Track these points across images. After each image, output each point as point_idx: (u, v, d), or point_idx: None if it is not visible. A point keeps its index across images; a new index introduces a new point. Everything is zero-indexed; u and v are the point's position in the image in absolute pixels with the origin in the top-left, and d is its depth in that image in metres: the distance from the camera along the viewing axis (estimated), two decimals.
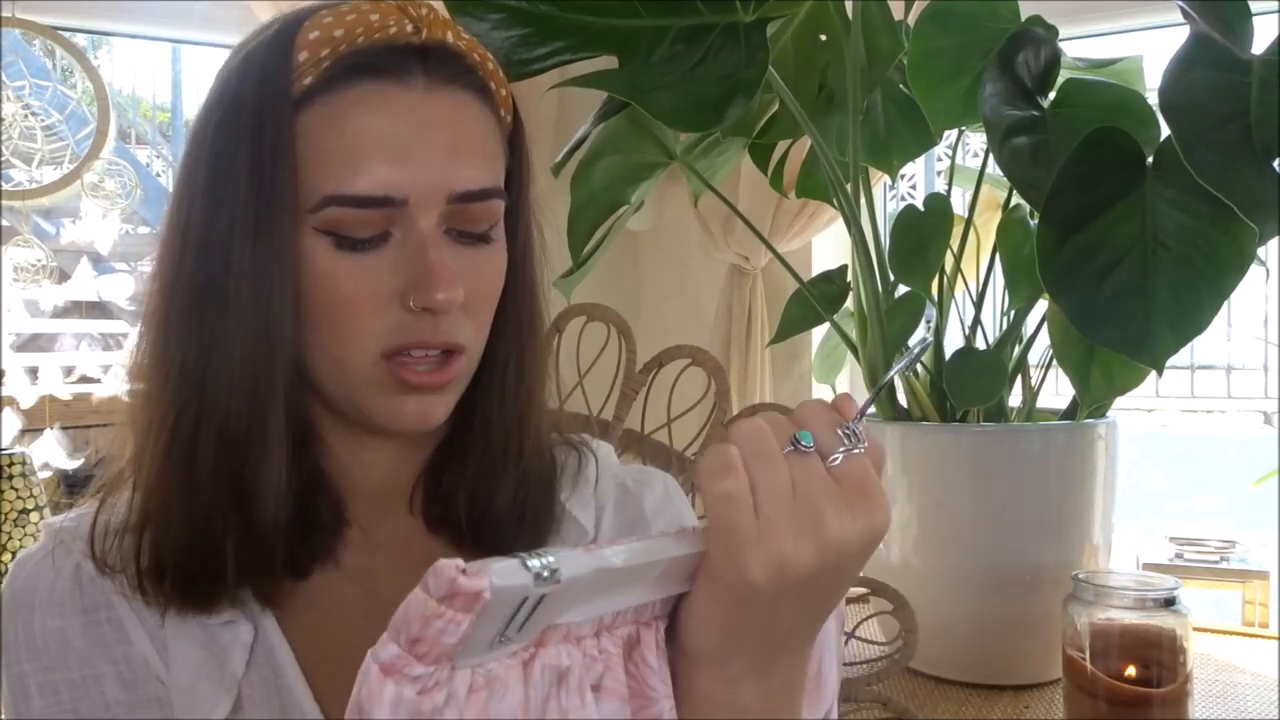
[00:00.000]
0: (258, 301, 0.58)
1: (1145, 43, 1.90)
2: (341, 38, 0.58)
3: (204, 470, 0.58)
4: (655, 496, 0.74)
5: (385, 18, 0.59)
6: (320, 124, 0.58)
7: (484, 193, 0.60)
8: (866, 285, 1.38)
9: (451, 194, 0.58)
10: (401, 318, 0.59)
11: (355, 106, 0.57)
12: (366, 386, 0.60)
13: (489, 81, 0.62)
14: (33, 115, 2.28)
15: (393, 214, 0.58)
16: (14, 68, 2.27)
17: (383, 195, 0.57)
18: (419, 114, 0.58)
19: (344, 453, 0.65)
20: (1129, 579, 1.11)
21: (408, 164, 0.57)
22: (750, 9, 1.15)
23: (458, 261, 0.59)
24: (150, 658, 0.60)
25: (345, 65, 0.58)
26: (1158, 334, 1.08)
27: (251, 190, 0.57)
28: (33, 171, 2.27)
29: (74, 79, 2.38)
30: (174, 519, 0.59)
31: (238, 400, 0.58)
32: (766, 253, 2.21)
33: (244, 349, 0.58)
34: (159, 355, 0.60)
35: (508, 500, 0.66)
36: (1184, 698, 1.06)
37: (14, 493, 1.57)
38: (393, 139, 0.57)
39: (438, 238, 0.59)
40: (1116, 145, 1.15)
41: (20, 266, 2.32)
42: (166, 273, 0.60)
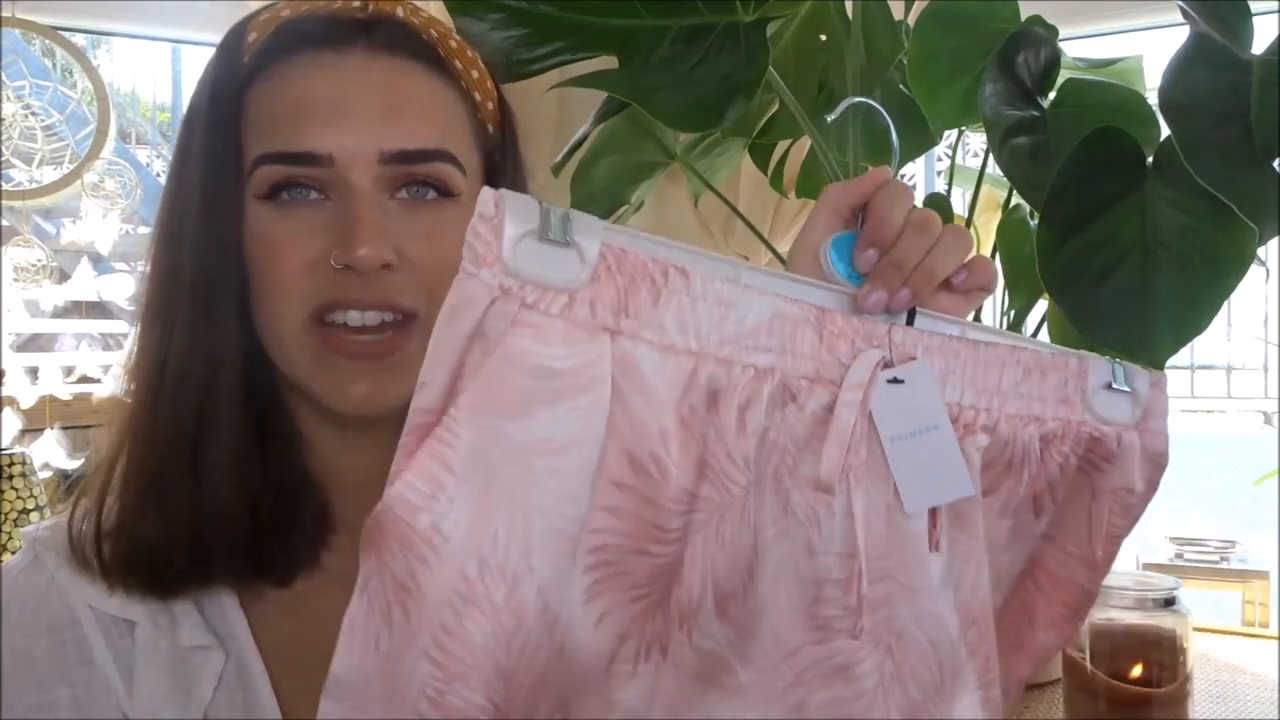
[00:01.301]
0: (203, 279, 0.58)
1: (1145, 43, 1.90)
2: (288, 15, 0.59)
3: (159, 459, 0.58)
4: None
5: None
6: (262, 95, 0.59)
7: (424, 153, 0.59)
8: None
9: (384, 152, 0.57)
10: (330, 277, 0.57)
11: (291, 75, 0.59)
12: (305, 356, 0.59)
13: (451, 59, 0.62)
14: (33, 115, 2.28)
15: (324, 175, 0.58)
16: (14, 68, 2.27)
17: (307, 151, 0.57)
18: (353, 77, 0.58)
19: (329, 453, 0.64)
20: (1129, 579, 1.11)
21: (335, 122, 0.57)
22: (750, 9, 1.15)
23: (403, 224, 0.58)
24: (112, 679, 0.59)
25: (286, 36, 0.59)
26: (1158, 334, 1.08)
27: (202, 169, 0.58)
28: (33, 171, 2.28)
29: (74, 79, 2.38)
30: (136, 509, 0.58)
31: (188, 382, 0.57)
32: (766, 253, 2.20)
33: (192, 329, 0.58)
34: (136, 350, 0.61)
35: None
36: (1184, 698, 1.06)
37: (14, 493, 1.57)
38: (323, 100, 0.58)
39: (370, 195, 0.58)
40: (1116, 145, 1.15)
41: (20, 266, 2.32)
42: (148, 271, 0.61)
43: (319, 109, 0.57)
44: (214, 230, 0.57)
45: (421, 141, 0.59)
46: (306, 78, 0.58)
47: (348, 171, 0.57)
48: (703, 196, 1.73)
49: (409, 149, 0.58)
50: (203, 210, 0.58)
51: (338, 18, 0.59)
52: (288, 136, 0.57)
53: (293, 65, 0.59)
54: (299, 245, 0.57)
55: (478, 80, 0.63)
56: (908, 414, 0.44)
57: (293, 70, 0.59)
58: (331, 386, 0.59)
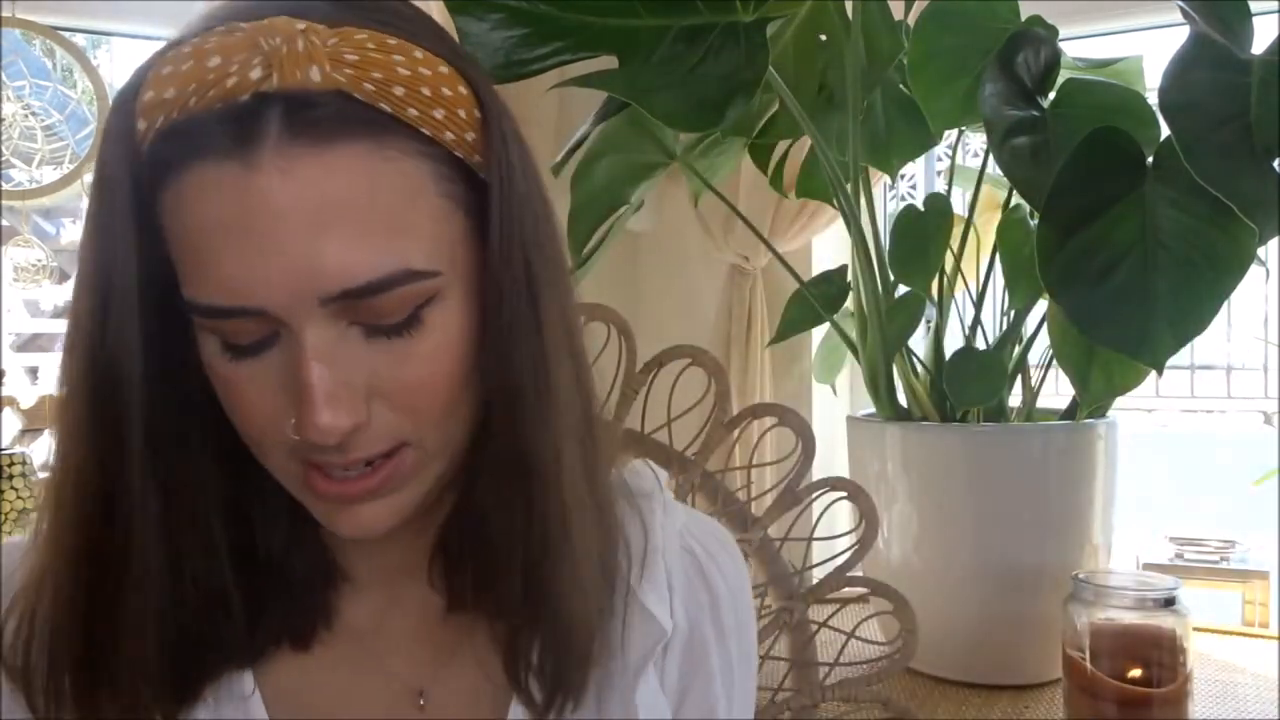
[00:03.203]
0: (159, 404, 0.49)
1: (1145, 43, 1.90)
2: (172, 100, 0.45)
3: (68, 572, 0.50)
4: (728, 578, 0.63)
5: (226, 64, 0.44)
6: (168, 216, 0.46)
7: (376, 285, 0.46)
8: (866, 285, 1.38)
9: (323, 296, 0.45)
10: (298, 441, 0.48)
11: (189, 194, 0.45)
12: (294, 488, 0.51)
13: (406, 109, 0.47)
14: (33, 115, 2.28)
15: (263, 323, 0.47)
16: (14, 68, 2.27)
17: (235, 307, 0.46)
18: (268, 198, 0.44)
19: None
20: (1129, 579, 1.11)
21: (257, 268, 0.45)
22: (750, 9, 1.15)
23: (368, 359, 0.48)
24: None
25: (177, 144, 0.45)
26: (1158, 334, 1.08)
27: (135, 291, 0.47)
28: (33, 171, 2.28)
29: (74, 79, 2.38)
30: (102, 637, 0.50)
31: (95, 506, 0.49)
32: (766, 253, 2.20)
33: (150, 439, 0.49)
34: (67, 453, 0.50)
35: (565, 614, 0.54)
36: (1184, 698, 1.06)
37: (14, 493, 1.57)
38: (235, 237, 0.45)
39: (321, 349, 0.46)
40: (1116, 145, 1.15)
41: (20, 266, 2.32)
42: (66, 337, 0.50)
43: (233, 254, 0.45)
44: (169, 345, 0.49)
45: (369, 273, 0.45)
46: (211, 203, 0.45)
47: (288, 318, 0.46)
48: (703, 196, 1.73)
49: (351, 287, 0.45)
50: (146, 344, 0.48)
51: (235, 104, 0.44)
52: (208, 286, 0.46)
53: (191, 183, 0.45)
54: (261, 399, 0.48)
55: (445, 118, 0.48)
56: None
57: (192, 190, 0.45)
58: (323, 518, 0.52)
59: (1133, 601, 1.07)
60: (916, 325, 1.35)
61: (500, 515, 0.53)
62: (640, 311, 2.52)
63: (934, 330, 1.47)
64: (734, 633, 0.62)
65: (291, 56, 0.45)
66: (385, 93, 0.46)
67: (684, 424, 1.10)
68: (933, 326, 1.48)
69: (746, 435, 1.13)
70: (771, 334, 1.75)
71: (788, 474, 1.08)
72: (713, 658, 0.61)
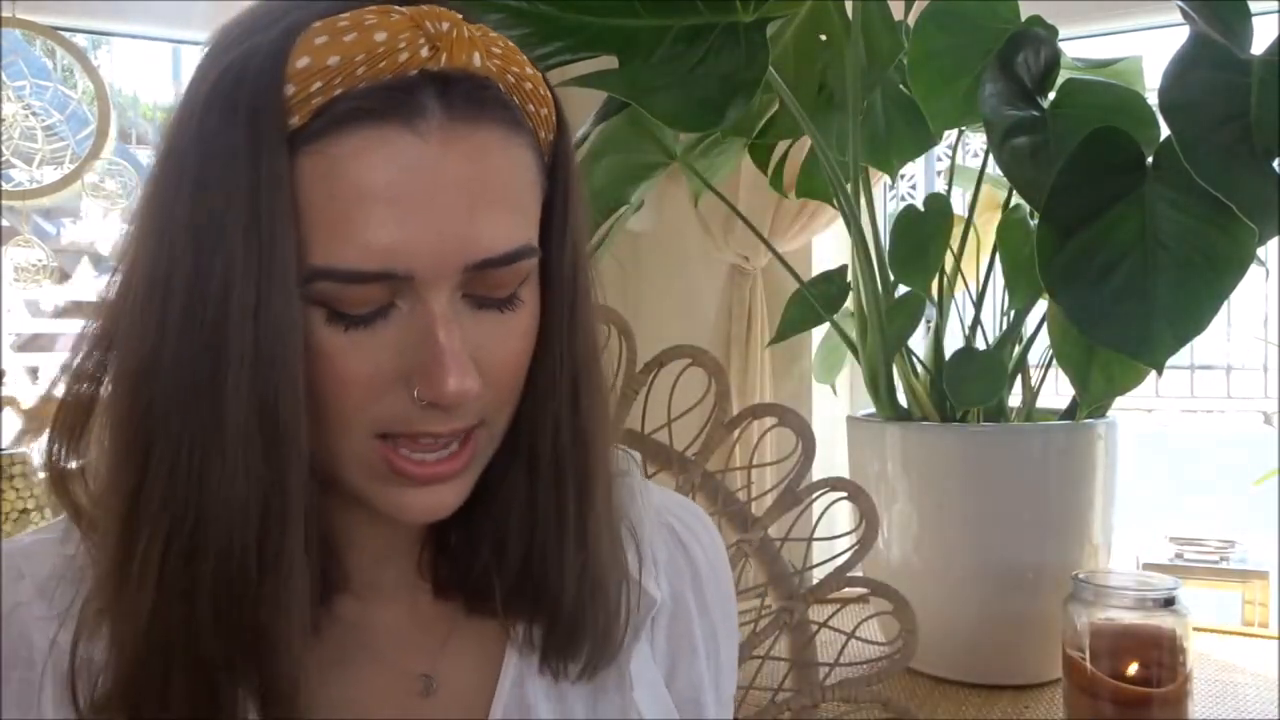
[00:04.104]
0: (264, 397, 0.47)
1: (1145, 43, 1.90)
2: (337, 68, 0.46)
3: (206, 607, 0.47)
4: (707, 550, 0.65)
5: (394, 38, 0.47)
6: (309, 178, 0.46)
7: (510, 256, 0.49)
8: (866, 285, 1.38)
9: (469, 263, 0.48)
10: (404, 406, 0.49)
11: (352, 157, 0.46)
12: (362, 473, 0.51)
13: (527, 105, 0.51)
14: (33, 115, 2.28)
15: (397, 286, 0.48)
16: (14, 68, 2.27)
17: (382, 270, 0.47)
18: (432, 167, 0.47)
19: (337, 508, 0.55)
20: (1129, 579, 1.11)
21: (415, 231, 0.46)
22: (750, 9, 1.15)
23: (473, 330, 0.50)
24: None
25: (341, 108, 0.46)
26: (1158, 334, 1.08)
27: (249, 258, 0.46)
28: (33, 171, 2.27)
29: (74, 79, 2.38)
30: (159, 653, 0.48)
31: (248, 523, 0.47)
32: (766, 253, 2.20)
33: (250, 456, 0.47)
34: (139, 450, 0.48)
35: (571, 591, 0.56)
36: (1184, 698, 1.06)
37: (14, 493, 1.57)
38: (397, 199, 0.46)
39: (450, 316, 0.48)
40: (1116, 145, 1.15)
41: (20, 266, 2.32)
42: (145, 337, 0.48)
43: (396, 213, 0.46)
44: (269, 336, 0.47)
45: (509, 243, 0.49)
46: (376, 167, 0.46)
47: (426, 290, 0.48)
48: (703, 196, 1.73)
49: (494, 256, 0.48)
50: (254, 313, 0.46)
51: (404, 77, 0.47)
52: (355, 246, 0.46)
53: (353, 145, 0.46)
54: (369, 369, 0.48)
55: (545, 117, 0.52)
56: None
57: (353, 152, 0.46)
58: (391, 502, 0.52)
59: (1133, 601, 1.07)
60: (916, 325, 1.35)
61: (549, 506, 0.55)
62: (640, 311, 2.52)
63: (934, 330, 1.47)
64: (716, 605, 0.65)
65: (459, 41, 0.48)
66: (518, 86, 0.51)
67: (684, 424, 1.10)
68: (933, 326, 1.48)
69: (746, 435, 1.13)
70: (771, 334, 1.75)
71: (788, 474, 1.08)
72: (696, 630, 0.63)
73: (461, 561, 0.57)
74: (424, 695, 0.57)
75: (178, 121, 0.49)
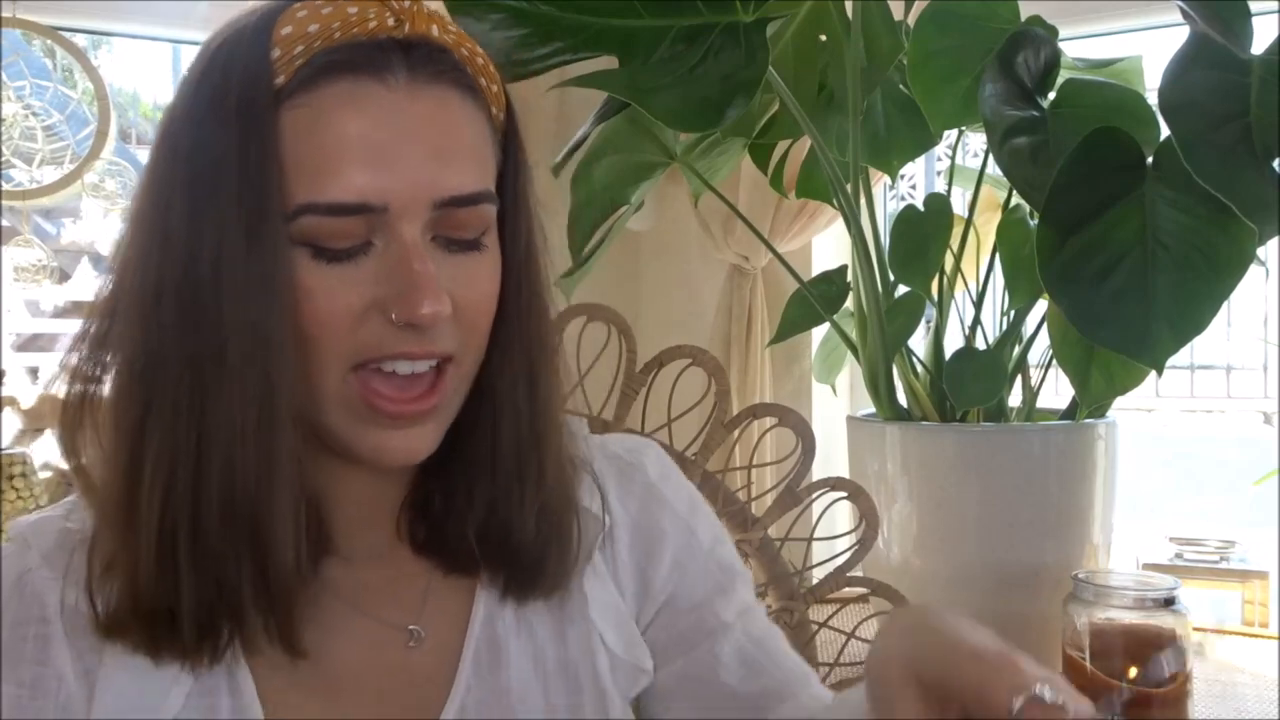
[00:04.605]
0: (256, 328, 0.53)
1: (1145, 43, 1.90)
2: (316, 33, 0.54)
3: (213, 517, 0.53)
4: (653, 463, 0.71)
5: (364, 10, 0.55)
6: (295, 127, 0.53)
7: (473, 197, 0.56)
8: (866, 285, 1.38)
9: (437, 199, 0.54)
10: (382, 331, 0.54)
11: (331, 108, 0.53)
12: (340, 408, 0.56)
13: (478, 77, 0.58)
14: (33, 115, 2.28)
15: (373, 221, 0.54)
16: (14, 68, 2.27)
17: (360, 202, 0.53)
18: (401, 114, 0.54)
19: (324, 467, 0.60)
20: (1129, 579, 1.11)
21: (388, 168, 0.53)
22: (750, 9, 1.15)
23: (445, 270, 0.55)
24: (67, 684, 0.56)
25: (321, 63, 0.54)
26: (1158, 334, 1.08)
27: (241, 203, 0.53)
28: (33, 171, 2.28)
29: (74, 79, 2.38)
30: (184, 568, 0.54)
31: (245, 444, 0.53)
32: (766, 253, 2.21)
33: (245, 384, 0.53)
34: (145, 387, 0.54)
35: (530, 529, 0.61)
36: (1184, 698, 1.06)
37: (14, 493, 1.57)
38: (372, 141, 0.53)
39: (422, 246, 0.54)
40: (1116, 145, 1.15)
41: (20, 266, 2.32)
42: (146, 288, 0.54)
43: (370, 153, 0.53)
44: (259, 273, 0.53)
45: (469, 185, 0.55)
46: (352, 114, 0.53)
47: (400, 221, 0.54)
48: (703, 196, 1.73)
49: (460, 194, 0.55)
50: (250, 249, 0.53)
51: (374, 40, 0.54)
52: (336, 183, 0.53)
53: (331, 96, 0.54)
54: (348, 299, 0.54)
55: (496, 93, 0.60)
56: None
57: (332, 102, 0.54)
58: (369, 444, 0.56)
59: (1133, 601, 1.07)
60: (916, 325, 1.35)
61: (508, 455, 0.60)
62: (640, 311, 2.53)
63: (934, 330, 1.47)
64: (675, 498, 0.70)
65: (420, 16, 0.56)
66: (471, 59, 0.58)
67: (684, 424, 1.10)
68: (933, 326, 1.48)
69: (746, 435, 1.13)
70: (771, 334, 1.75)
71: (788, 474, 1.08)
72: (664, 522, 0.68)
73: (437, 520, 0.62)
74: (411, 646, 0.61)
75: (172, 108, 0.57)
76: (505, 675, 0.62)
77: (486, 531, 0.61)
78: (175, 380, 0.54)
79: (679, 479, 0.72)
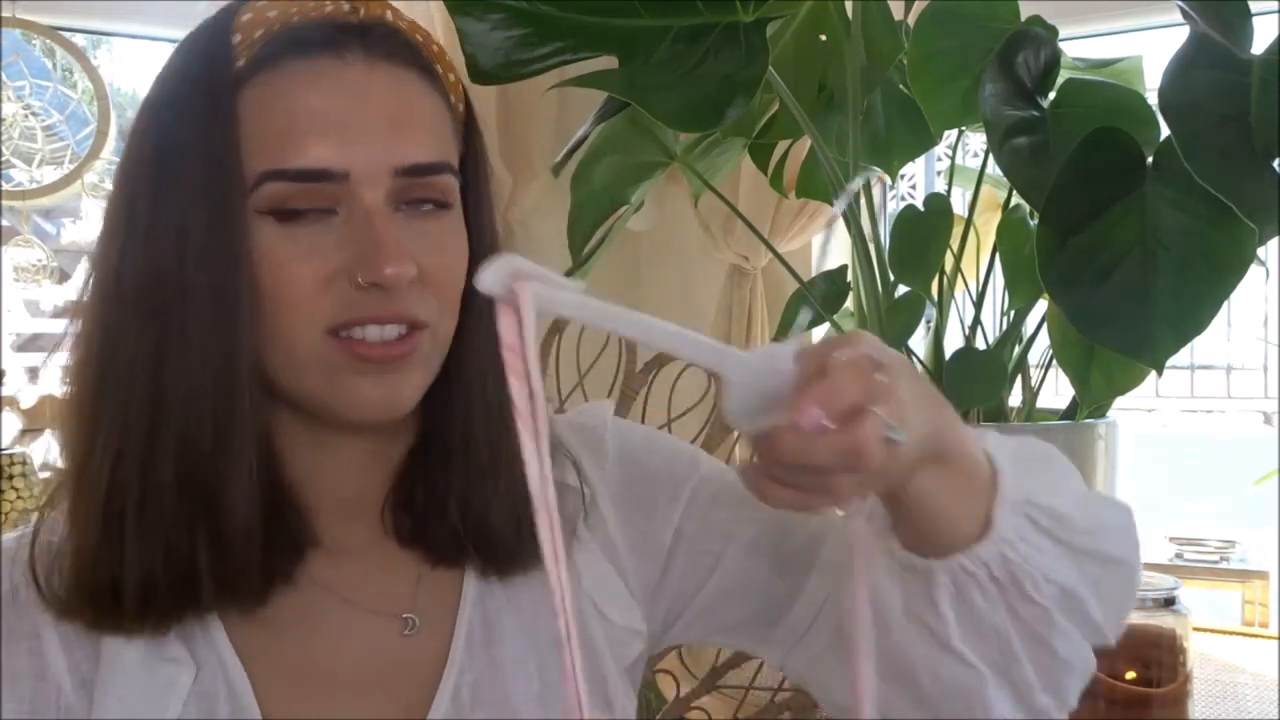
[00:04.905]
0: (215, 294, 0.55)
1: (1145, 43, 1.90)
2: (275, 18, 0.57)
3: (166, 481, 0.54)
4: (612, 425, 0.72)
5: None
6: (257, 104, 0.56)
7: (433, 166, 0.58)
8: (866, 285, 1.38)
9: (397, 167, 0.56)
10: (350, 295, 0.56)
11: (291, 83, 0.56)
12: (318, 369, 0.57)
13: (435, 63, 0.61)
14: (33, 115, 2.28)
15: (335, 190, 0.56)
16: (14, 68, 2.27)
17: (321, 169, 0.55)
18: (358, 87, 0.56)
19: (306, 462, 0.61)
20: None
21: (347, 136, 0.55)
22: (750, 9, 1.15)
23: (413, 235, 0.57)
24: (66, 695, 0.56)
25: (280, 43, 0.56)
26: (1158, 334, 1.08)
27: (201, 178, 0.55)
28: (33, 171, 2.27)
29: (74, 79, 2.37)
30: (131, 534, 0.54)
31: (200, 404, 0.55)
32: (766, 253, 2.20)
33: (204, 348, 0.55)
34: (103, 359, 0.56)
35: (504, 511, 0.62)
36: (1184, 698, 1.06)
37: (14, 493, 1.57)
38: (331, 111, 0.55)
39: (385, 211, 0.56)
40: (1116, 145, 1.15)
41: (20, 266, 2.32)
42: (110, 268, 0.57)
43: (330, 123, 0.55)
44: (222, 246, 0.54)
45: (429, 155, 0.58)
46: (310, 87, 0.56)
47: (361, 187, 0.56)
48: (703, 196, 1.73)
49: (420, 162, 0.57)
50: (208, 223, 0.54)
51: (330, 23, 0.57)
52: (297, 152, 0.55)
53: (290, 73, 0.56)
54: (311, 264, 0.55)
55: (454, 83, 0.62)
56: None
57: (291, 78, 0.56)
58: (347, 394, 0.57)
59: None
60: (916, 325, 1.35)
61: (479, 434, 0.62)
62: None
63: (934, 330, 1.47)
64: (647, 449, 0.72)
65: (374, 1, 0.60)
66: (426, 45, 0.61)
67: (684, 424, 1.10)
68: (933, 326, 1.48)
69: None
70: (771, 334, 1.75)
71: None
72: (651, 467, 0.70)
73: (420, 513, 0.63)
74: (406, 634, 0.63)
75: (142, 102, 0.60)
76: (498, 652, 0.63)
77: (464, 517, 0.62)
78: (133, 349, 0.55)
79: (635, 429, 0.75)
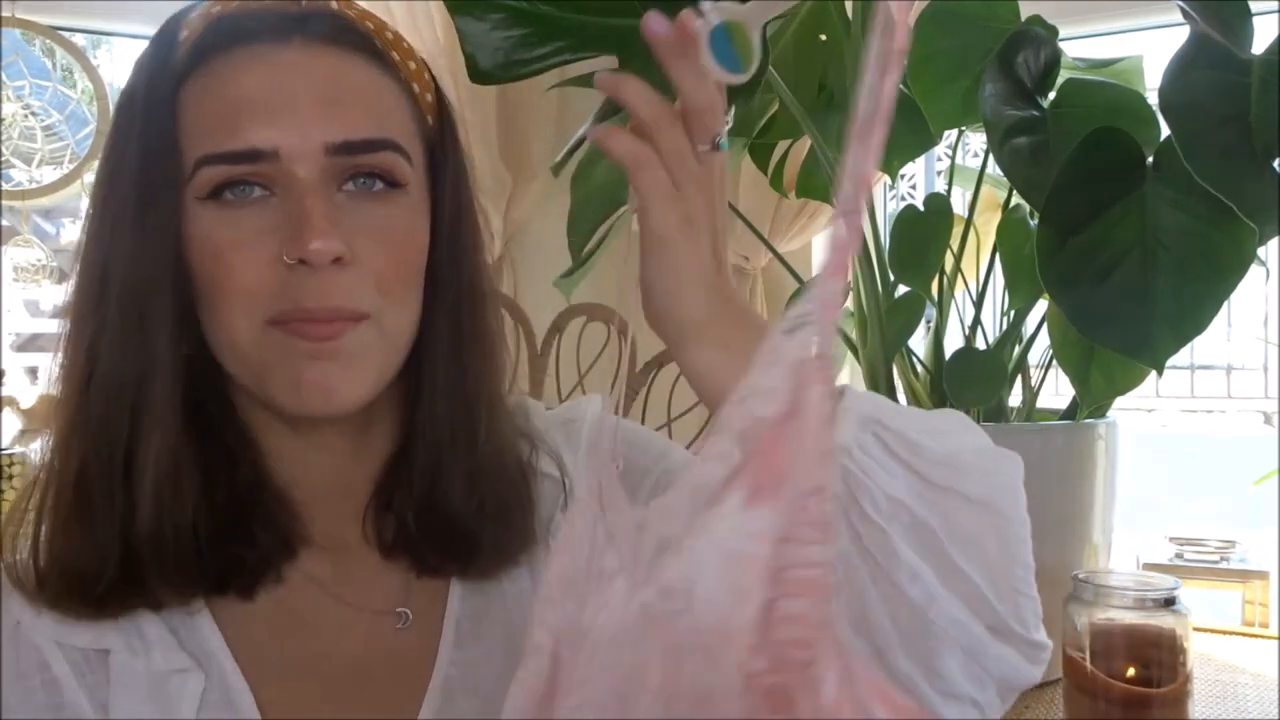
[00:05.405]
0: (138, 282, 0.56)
1: (1145, 43, 1.90)
2: (220, 11, 0.58)
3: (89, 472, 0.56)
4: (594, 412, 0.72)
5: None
6: (198, 94, 0.57)
7: (369, 143, 0.57)
8: (866, 285, 1.38)
9: (329, 144, 0.56)
10: (284, 278, 0.56)
11: (228, 71, 0.57)
12: (259, 356, 0.57)
13: (390, 51, 0.61)
14: (33, 115, 2.28)
15: (269, 170, 0.56)
16: (14, 68, 2.27)
17: (250, 148, 0.55)
18: (293, 68, 0.57)
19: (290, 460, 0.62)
20: (1129, 579, 1.11)
21: (277, 115, 0.56)
22: None
23: (356, 218, 0.57)
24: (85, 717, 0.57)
25: (222, 33, 0.57)
26: (1158, 334, 1.08)
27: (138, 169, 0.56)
28: (33, 171, 2.28)
29: (74, 79, 2.38)
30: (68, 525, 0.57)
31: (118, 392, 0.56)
32: (766, 253, 2.21)
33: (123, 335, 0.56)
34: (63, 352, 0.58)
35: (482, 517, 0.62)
36: (1184, 698, 1.06)
37: (14, 493, 1.57)
38: (263, 93, 0.56)
39: (318, 188, 0.56)
40: (1116, 145, 1.15)
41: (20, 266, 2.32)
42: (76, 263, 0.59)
43: (259, 104, 0.56)
44: (152, 232, 0.56)
45: (365, 131, 0.57)
46: (244, 73, 0.56)
47: (293, 165, 0.56)
48: None
49: (354, 140, 0.57)
50: (139, 211, 0.56)
51: (271, 12, 0.58)
52: (229, 134, 0.55)
53: (229, 61, 0.57)
54: (248, 248, 0.56)
55: (415, 71, 0.62)
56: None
57: (229, 66, 0.57)
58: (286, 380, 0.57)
59: (1133, 601, 1.07)
60: (916, 325, 1.35)
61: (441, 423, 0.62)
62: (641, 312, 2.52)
63: (934, 330, 1.47)
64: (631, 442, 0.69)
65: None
66: (378, 32, 0.61)
67: (684, 424, 1.10)
68: (933, 326, 1.48)
69: None
70: None
71: None
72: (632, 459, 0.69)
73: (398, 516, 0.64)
74: (399, 629, 0.63)
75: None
76: (480, 648, 0.63)
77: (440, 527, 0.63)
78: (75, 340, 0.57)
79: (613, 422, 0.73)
